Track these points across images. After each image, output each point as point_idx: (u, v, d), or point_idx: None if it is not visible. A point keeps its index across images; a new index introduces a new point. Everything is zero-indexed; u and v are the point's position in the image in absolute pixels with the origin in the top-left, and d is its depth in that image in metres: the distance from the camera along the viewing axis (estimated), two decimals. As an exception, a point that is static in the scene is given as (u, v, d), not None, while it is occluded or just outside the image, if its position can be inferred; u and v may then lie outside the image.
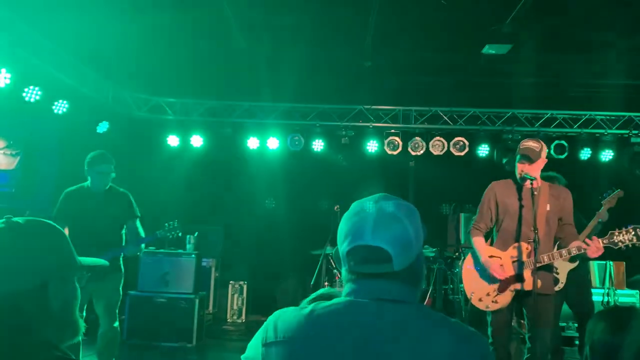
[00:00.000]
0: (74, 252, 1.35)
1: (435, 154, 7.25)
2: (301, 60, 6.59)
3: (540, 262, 3.50)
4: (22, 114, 5.90)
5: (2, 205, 5.97)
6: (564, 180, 4.57)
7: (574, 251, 3.51)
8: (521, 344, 4.86)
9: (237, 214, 7.90)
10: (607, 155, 7.15)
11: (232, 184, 7.84)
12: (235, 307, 7.55)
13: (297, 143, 7.36)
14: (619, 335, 1.47)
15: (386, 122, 7.42)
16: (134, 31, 5.60)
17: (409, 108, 7.39)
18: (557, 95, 7.13)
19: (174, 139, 7.53)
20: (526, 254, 3.62)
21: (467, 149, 7.22)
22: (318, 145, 7.44)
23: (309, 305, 1.29)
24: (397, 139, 7.31)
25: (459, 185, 7.32)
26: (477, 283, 3.81)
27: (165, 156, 7.57)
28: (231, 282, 7.57)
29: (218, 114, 7.50)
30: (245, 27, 5.73)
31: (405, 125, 7.39)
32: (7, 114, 5.89)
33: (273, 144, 7.44)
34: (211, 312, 7.35)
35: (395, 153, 7.31)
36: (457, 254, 6.86)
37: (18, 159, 5.88)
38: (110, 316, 4.24)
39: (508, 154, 7.05)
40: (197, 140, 7.48)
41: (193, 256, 6.28)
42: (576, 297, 4.95)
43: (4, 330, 1.18)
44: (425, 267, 1.42)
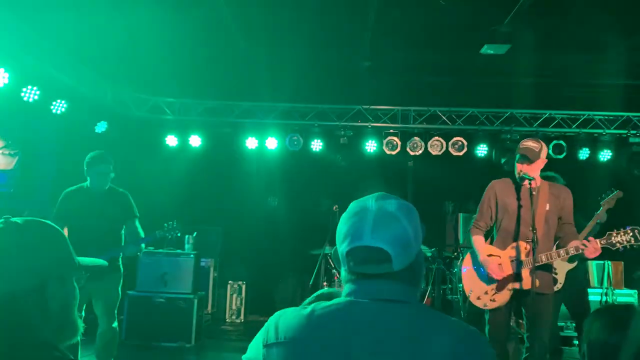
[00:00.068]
0: (72, 252, 1.35)
1: (433, 153, 7.25)
2: (300, 60, 6.60)
3: (538, 262, 3.51)
4: (20, 113, 5.89)
5: (1, 206, 5.96)
6: (562, 180, 4.57)
7: (572, 251, 3.51)
8: (520, 343, 4.87)
9: (235, 214, 7.90)
10: (605, 155, 7.16)
11: (230, 184, 7.83)
12: (234, 307, 7.54)
13: (295, 143, 7.36)
14: (617, 334, 1.47)
15: (385, 122, 7.42)
16: (133, 31, 5.59)
17: (408, 108, 7.40)
18: (556, 95, 7.14)
19: (172, 139, 7.52)
20: (525, 254, 3.62)
21: (465, 149, 7.22)
22: (317, 145, 7.44)
23: (310, 306, 1.29)
24: (395, 139, 7.31)
25: (457, 185, 7.32)
26: (475, 281, 3.82)
27: (164, 156, 7.56)
28: (230, 282, 7.56)
29: (217, 114, 7.49)
30: (244, 27, 5.73)
31: (404, 125, 7.40)
32: (5, 114, 5.88)
33: (272, 144, 7.44)
34: (210, 312, 7.35)
35: (393, 153, 7.31)
36: (455, 253, 6.86)
37: (16, 159, 5.87)
38: (109, 316, 4.24)
39: (506, 153, 7.06)
40: (195, 140, 7.47)
41: (192, 256, 6.28)
42: (573, 297, 4.96)
43: (2, 330, 1.18)
44: (424, 266, 1.42)
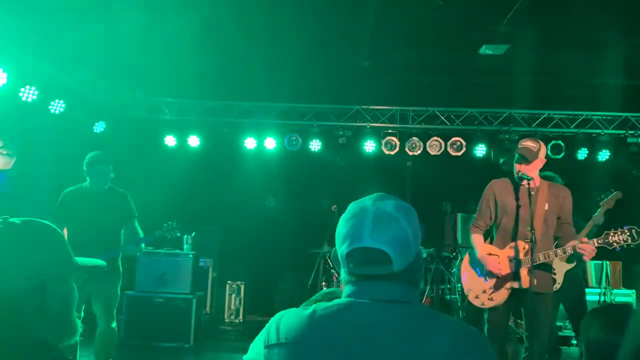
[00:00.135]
0: (71, 253, 1.35)
1: (432, 154, 7.25)
2: (299, 60, 6.60)
3: (536, 261, 3.52)
4: (18, 113, 5.88)
5: (-1, 206, 5.95)
6: (561, 180, 4.58)
7: (569, 250, 3.51)
8: (519, 343, 4.87)
9: (234, 214, 7.89)
10: (603, 156, 7.17)
11: (229, 184, 7.82)
12: (232, 307, 7.54)
13: (294, 143, 7.35)
14: (615, 333, 1.47)
15: (383, 122, 7.43)
16: (132, 31, 5.59)
17: (406, 108, 7.40)
18: (554, 95, 7.15)
19: (171, 139, 7.51)
20: (523, 253, 3.63)
21: (464, 149, 7.23)
22: (315, 145, 7.43)
23: (311, 307, 1.29)
24: (394, 139, 7.31)
25: (456, 185, 7.32)
26: (474, 280, 3.83)
27: (163, 156, 7.55)
28: (229, 282, 7.56)
29: (216, 114, 7.48)
30: (243, 26, 5.73)
31: (403, 126, 7.40)
32: (3, 114, 5.86)
33: (270, 144, 7.44)
34: (209, 312, 7.34)
35: (392, 153, 7.31)
36: (454, 253, 6.86)
37: (14, 159, 5.85)
38: (108, 316, 4.24)
39: (505, 154, 7.06)
40: (194, 141, 7.46)
41: (190, 256, 6.27)
42: (572, 297, 4.97)
43: (1, 330, 1.18)
44: (423, 266, 1.44)
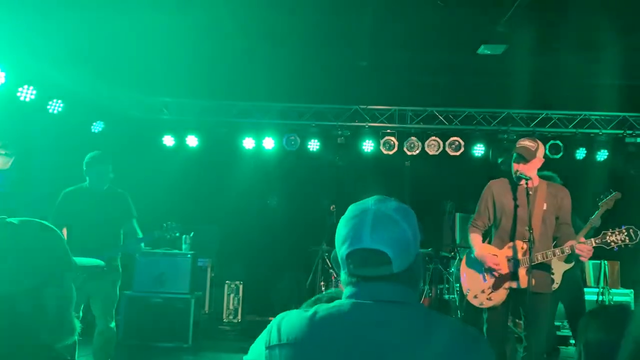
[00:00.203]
0: (69, 253, 1.34)
1: (430, 153, 7.26)
2: (297, 60, 6.60)
3: (534, 261, 3.52)
4: (16, 113, 5.87)
5: (-3, 206, 5.93)
6: (560, 180, 4.58)
7: (567, 250, 3.52)
8: (517, 343, 4.88)
9: (233, 214, 7.88)
10: (602, 155, 7.18)
11: (227, 184, 7.82)
12: (231, 307, 7.53)
13: (293, 143, 7.35)
14: (614, 333, 1.47)
15: (382, 122, 7.43)
16: (130, 30, 5.59)
17: (405, 108, 7.41)
18: (552, 95, 7.15)
19: (169, 139, 7.51)
20: (521, 253, 3.63)
21: (462, 149, 7.24)
22: (314, 145, 7.44)
23: (312, 308, 1.30)
24: (392, 138, 7.32)
25: (454, 185, 7.33)
26: (473, 280, 3.84)
27: (161, 156, 7.54)
28: (227, 282, 7.55)
29: (214, 114, 7.48)
30: (241, 26, 5.72)
31: (401, 125, 7.41)
32: (1, 114, 5.85)
33: (269, 143, 7.43)
34: (207, 312, 7.34)
35: (391, 153, 7.32)
36: (453, 253, 6.86)
37: (12, 159, 5.84)
38: (107, 316, 4.24)
39: (503, 153, 7.07)
40: (192, 140, 7.46)
41: (189, 256, 6.26)
42: (570, 297, 4.97)
43: (-1, 331, 1.18)
44: (423, 267, 1.44)
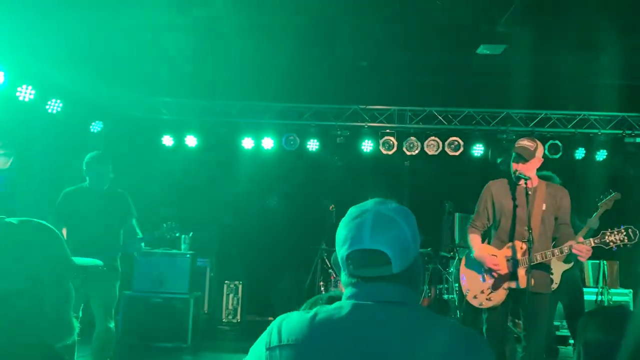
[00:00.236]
0: (68, 252, 1.34)
1: (430, 153, 7.25)
2: (296, 59, 6.59)
3: (533, 261, 3.52)
4: (15, 113, 5.86)
5: (-5, 206, 5.93)
6: (558, 180, 4.58)
7: (566, 250, 3.52)
8: (516, 343, 4.88)
9: (232, 214, 7.88)
10: (601, 155, 7.19)
11: (227, 184, 7.81)
12: (230, 307, 7.53)
13: (292, 143, 7.35)
14: (613, 333, 1.47)
15: (381, 121, 7.43)
16: (129, 30, 5.58)
17: (404, 108, 7.40)
18: (552, 95, 7.16)
19: (168, 139, 7.50)
20: (521, 253, 3.64)
21: (461, 149, 7.24)
22: (313, 145, 7.43)
23: (313, 309, 1.30)
24: (392, 138, 7.31)
25: (454, 184, 7.33)
26: (472, 281, 3.84)
27: (160, 156, 7.53)
28: (226, 281, 7.55)
29: (213, 114, 7.47)
30: (240, 26, 5.72)
31: (400, 125, 7.40)
32: (0, 114, 5.85)
33: (268, 143, 7.43)
34: (206, 312, 7.33)
35: (390, 153, 7.31)
36: (452, 253, 6.86)
37: (11, 158, 5.84)
38: (107, 316, 4.24)
39: (502, 153, 7.08)
40: (191, 140, 7.45)
41: (188, 256, 6.26)
42: (570, 297, 4.97)
43: (-3, 331, 1.17)
44: (423, 269, 1.45)
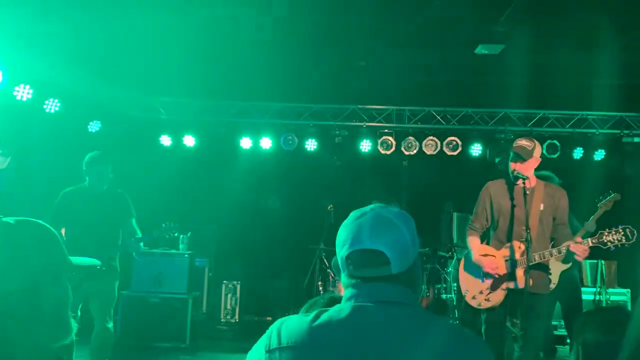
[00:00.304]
0: (65, 252, 1.34)
1: (428, 153, 7.26)
2: (295, 59, 6.59)
3: (531, 261, 3.52)
4: (13, 112, 5.85)
5: (-7, 205, 5.91)
6: (557, 180, 4.59)
7: (564, 250, 3.52)
8: (514, 342, 4.88)
9: (230, 214, 7.87)
10: (599, 155, 7.20)
11: (225, 184, 7.80)
12: (228, 307, 7.53)
13: (290, 142, 7.34)
14: (611, 334, 1.47)
15: (379, 121, 7.43)
16: (127, 30, 5.57)
17: (402, 108, 7.40)
18: (550, 95, 7.17)
19: (166, 139, 7.49)
20: (519, 253, 3.64)
21: (460, 149, 7.24)
22: (311, 144, 7.42)
23: (313, 312, 1.31)
24: (390, 138, 7.31)
25: (452, 184, 7.34)
26: (471, 281, 3.84)
27: (158, 156, 7.52)
28: (225, 281, 7.55)
29: (211, 114, 7.46)
30: (239, 26, 5.72)
31: (399, 125, 7.41)
32: (-2, 113, 5.84)
33: (266, 143, 7.42)
34: (205, 312, 7.33)
35: (388, 152, 7.31)
36: (450, 253, 6.86)
37: (9, 158, 5.82)
38: (105, 316, 4.23)
39: (501, 153, 7.08)
40: (189, 140, 7.44)
41: (186, 256, 6.26)
42: (568, 297, 4.98)
43: (-5, 331, 1.17)
44: (422, 272, 1.46)
